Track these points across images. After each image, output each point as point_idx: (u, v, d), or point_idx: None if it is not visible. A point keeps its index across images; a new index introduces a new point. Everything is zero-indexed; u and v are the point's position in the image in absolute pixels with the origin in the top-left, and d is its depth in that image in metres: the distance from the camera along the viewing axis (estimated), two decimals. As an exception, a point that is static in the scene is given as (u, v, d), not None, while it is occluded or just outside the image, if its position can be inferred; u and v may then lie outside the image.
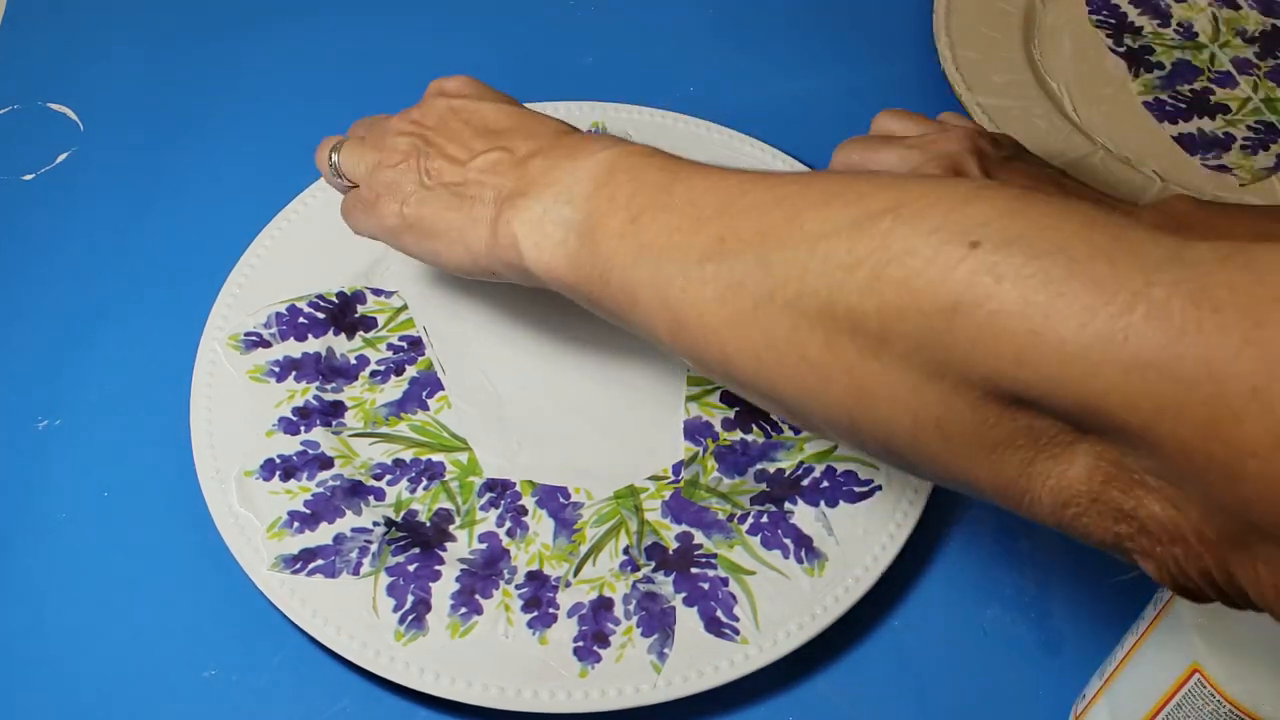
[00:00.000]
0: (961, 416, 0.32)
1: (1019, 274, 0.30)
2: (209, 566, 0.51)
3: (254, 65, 0.71)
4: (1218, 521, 0.29)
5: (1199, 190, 0.66)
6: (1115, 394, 0.28)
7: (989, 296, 0.30)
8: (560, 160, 0.44)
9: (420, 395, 0.56)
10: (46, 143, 0.67)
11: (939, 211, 0.32)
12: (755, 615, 0.49)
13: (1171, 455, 0.28)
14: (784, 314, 0.35)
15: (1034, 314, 0.29)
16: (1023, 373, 0.30)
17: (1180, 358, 0.27)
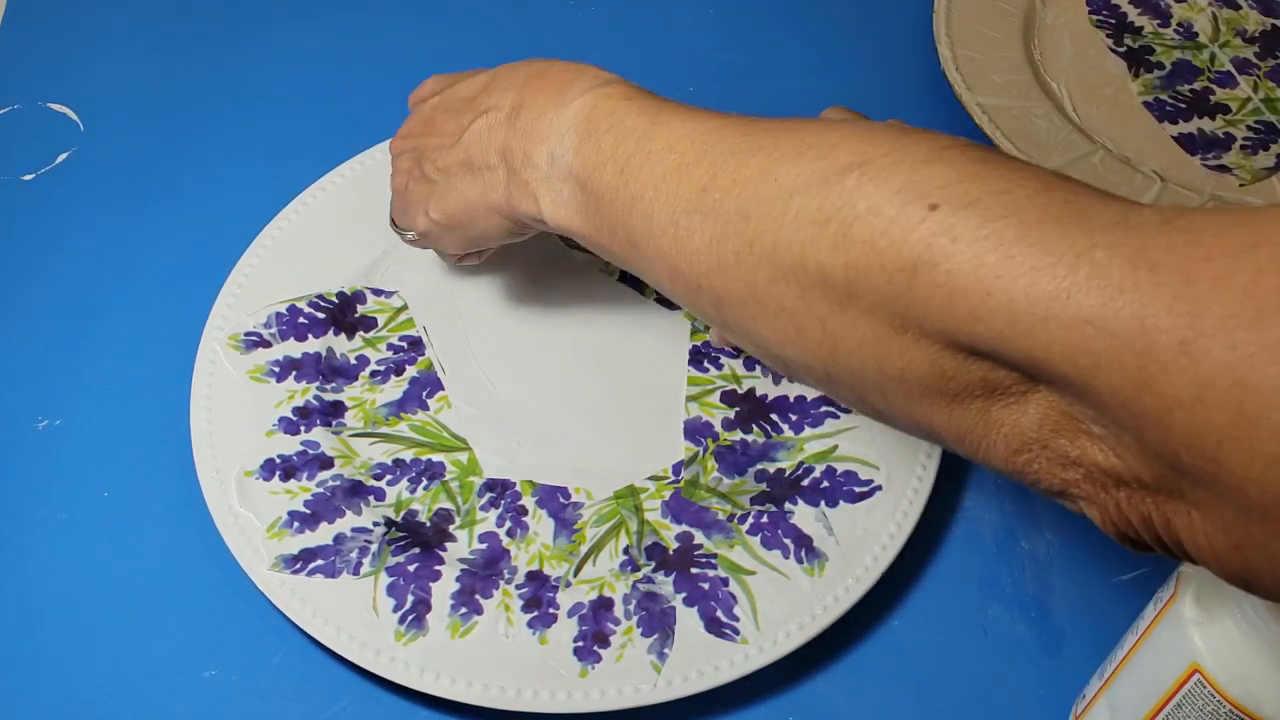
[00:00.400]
0: (923, 368, 0.34)
1: (974, 236, 0.31)
2: (209, 566, 0.51)
3: (254, 65, 0.71)
4: (1154, 469, 0.30)
5: (1199, 190, 0.66)
6: (1058, 348, 0.30)
7: (946, 257, 0.32)
8: (544, 109, 0.45)
9: (420, 395, 0.56)
10: (46, 143, 0.67)
11: (902, 171, 0.34)
12: (755, 615, 0.49)
13: (1109, 406, 0.29)
14: (762, 265, 0.37)
15: (986, 274, 0.31)
16: (977, 328, 0.31)
17: (1117, 314, 0.28)
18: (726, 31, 0.74)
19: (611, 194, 0.42)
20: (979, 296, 0.31)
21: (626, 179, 0.42)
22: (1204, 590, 0.42)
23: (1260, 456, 0.26)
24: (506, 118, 0.47)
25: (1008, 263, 0.30)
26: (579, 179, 0.44)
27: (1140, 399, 0.28)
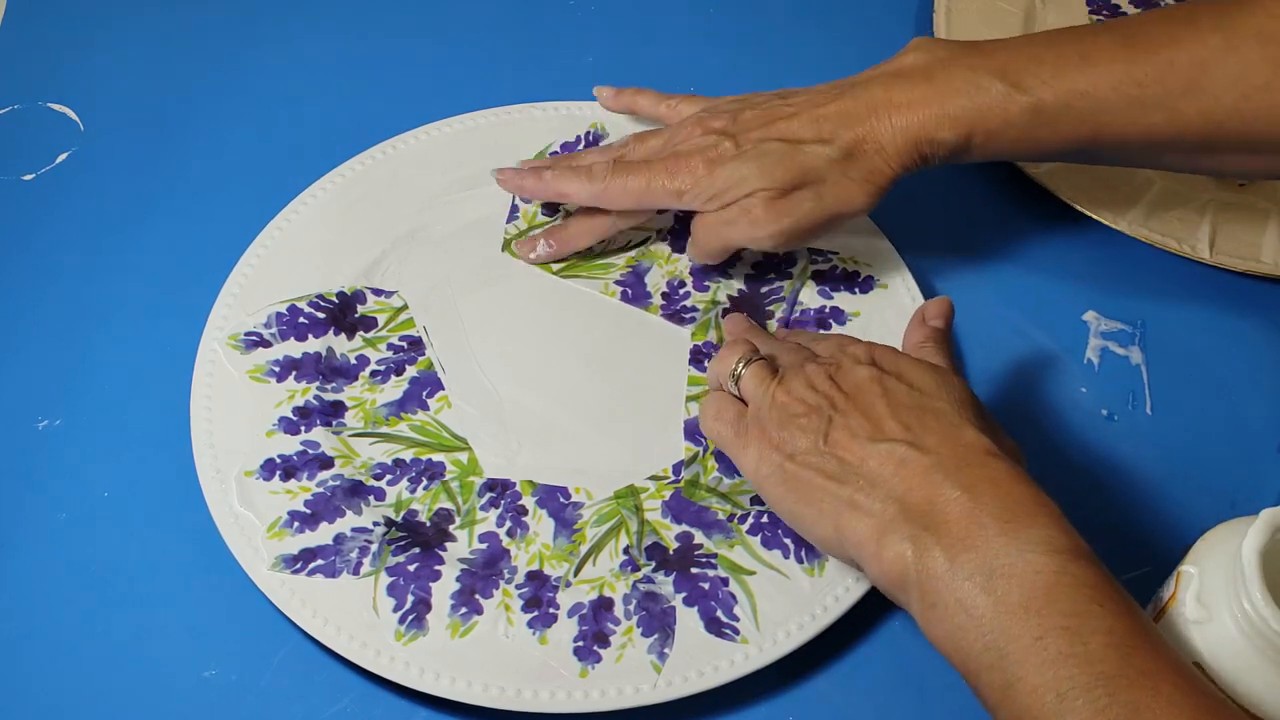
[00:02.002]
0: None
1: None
2: (209, 566, 0.51)
3: (254, 65, 0.71)
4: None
5: (1199, 190, 0.66)
6: None
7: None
8: (988, 520, 0.41)
9: (420, 395, 0.56)
10: (46, 143, 0.67)
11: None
12: (755, 615, 0.49)
13: None
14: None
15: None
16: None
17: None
18: (726, 31, 0.74)
19: (1029, 702, 0.38)
20: None
21: (1060, 712, 0.37)
22: (1204, 590, 0.42)
23: None
24: (926, 471, 0.42)
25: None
26: (989, 640, 0.39)
27: None
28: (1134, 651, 0.37)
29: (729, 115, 0.58)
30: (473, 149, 0.64)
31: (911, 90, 0.55)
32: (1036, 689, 0.37)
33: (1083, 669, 0.37)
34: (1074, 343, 0.61)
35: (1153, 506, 0.56)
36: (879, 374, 0.47)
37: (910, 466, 0.43)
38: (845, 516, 0.44)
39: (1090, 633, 0.38)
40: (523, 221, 0.63)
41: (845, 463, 0.45)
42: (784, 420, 0.47)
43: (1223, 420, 0.59)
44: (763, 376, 0.49)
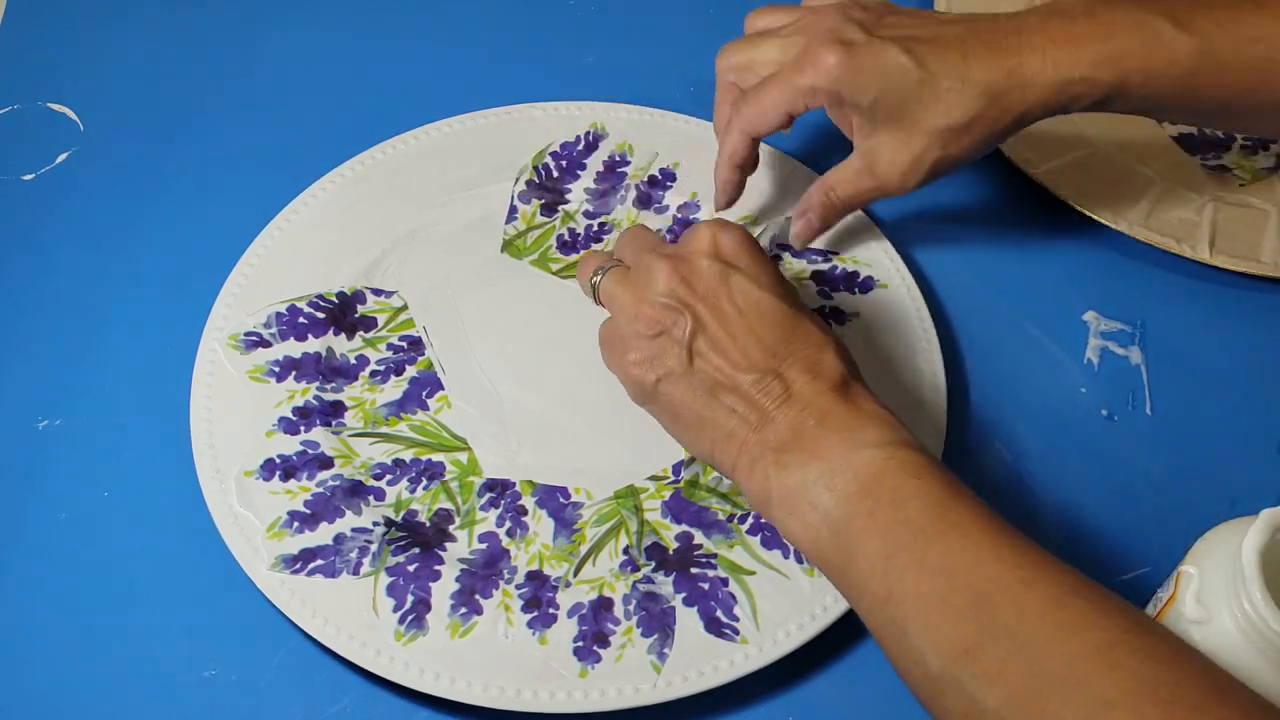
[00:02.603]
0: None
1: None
2: (209, 566, 0.51)
3: (254, 65, 0.71)
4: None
5: (1198, 190, 0.66)
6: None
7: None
8: (832, 433, 0.44)
9: (420, 395, 0.56)
10: (46, 143, 0.67)
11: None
12: (755, 615, 0.49)
13: None
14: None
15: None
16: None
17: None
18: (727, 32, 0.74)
19: (865, 570, 0.42)
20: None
21: (889, 566, 0.41)
22: (1204, 590, 0.42)
23: None
24: (788, 399, 0.45)
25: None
26: (835, 524, 0.43)
27: None
28: (947, 509, 0.42)
29: (873, 13, 0.55)
30: (473, 149, 0.64)
31: (1071, 26, 0.52)
32: (870, 555, 0.42)
33: (904, 529, 0.41)
34: (1074, 343, 0.61)
35: (1153, 506, 0.56)
36: (726, 270, 0.47)
37: (771, 392, 0.46)
38: (718, 442, 0.46)
39: (908, 499, 0.42)
40: (521, 222, 0.63)
41: (711, 383, 0.46)
42: (645, 338, 0.47)
43: (1223, 420, 0.59)
44: (617, 283, 0.49)
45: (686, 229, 0.52)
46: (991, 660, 0.38)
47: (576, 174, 0.64)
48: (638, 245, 0.51)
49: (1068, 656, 0.37)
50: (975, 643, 0.39)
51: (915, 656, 0.40)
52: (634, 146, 0.65)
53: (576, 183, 0.64)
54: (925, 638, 0.40)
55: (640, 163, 0.65)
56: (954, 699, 0.39)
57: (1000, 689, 0.37)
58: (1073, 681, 0.36)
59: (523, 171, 0.64)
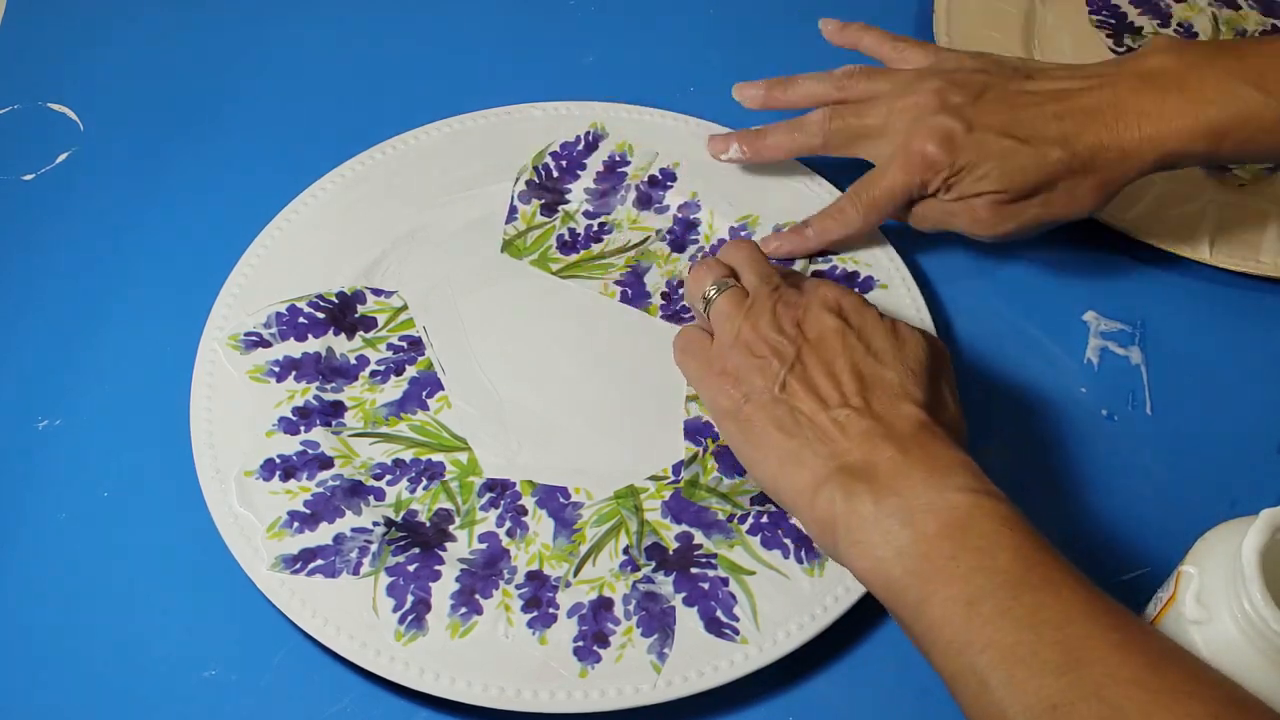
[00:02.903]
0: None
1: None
2: (209, 566, 0.51)
3: (254, 65, 0.71)
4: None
5: (1199, 190, 0.66)
6: None
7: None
8: (913, 470, 0.44)
9: (420, 395, 0.56)
10: (46, 143, 0.67)
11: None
12: (755, 615, 0.49)
13: None
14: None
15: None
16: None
17: None
18: (727, 32, 0.74)
19: (941, 613, 0.41)
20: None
21: (971, 613, 0.40)
22: (1204, 590, 0.42)
23: None
24: (869, 434, 0.45)
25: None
26: (908, 562, 0.42)
27: None
28: (1038, 564, 0.41)
29: (969, 93, 0.57)
30: (473, 149, 0.64)
31: (1164, 100, 0.54)
32: (948, 600, 0.41)
33: (990, 578, 0.40)
34: (1074, 343, 0.61)
35: (1153, 506, 0.56)
36: (842, 326, 0.49)
37: (852, 429, 0.46)
38: (788, 467, 0.46)
39: (999, 550, 0.41)
40: (521, 222, 0.63)
41: (796, 413, 0.47)
42: (746, 358, 0.49)
43: (1223, 420, 0.59)
44: (734, 306, 0.51)
45: (807, 280, 0.53)
46: (1084, 704, 0.37)
47: (576, 174, 0.64)
48: (758, 273, 0.53)
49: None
50: (1064, 700, 0.37)
51: (996, 709, 0.39)
52: (634, 146, 0.65)
53: (576, 183, 0.64)
54: (1008, 691, 0.38)
55: (640, 163, 0.65)
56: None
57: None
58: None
59: (522, 171, 0.64)
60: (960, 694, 0.41)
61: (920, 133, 0.56)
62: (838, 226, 0.59)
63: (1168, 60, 0.55)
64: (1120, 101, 0.54)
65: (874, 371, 0.48)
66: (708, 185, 0.63)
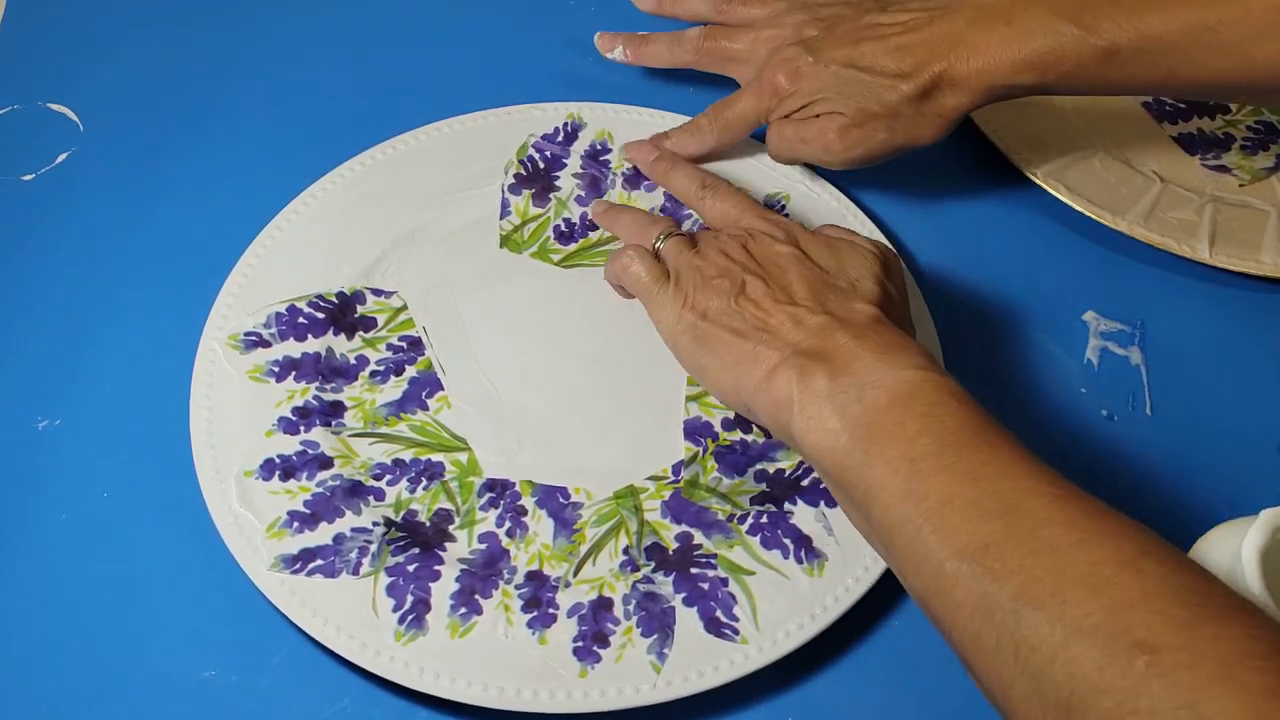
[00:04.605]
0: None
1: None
2: (209, 566, 0.51)
3: (254, 65, 0.71)
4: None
5: (1198, 190, 0.66)
6: None
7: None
8: (865, 353, 0.46)
9: (420, 395, 0.56)
10: (46, 143, 0.67)
11: (1188, 683, 0.34)
12: (755, 615, 0.49)
13: None
14: (1024, 676, 0.37)
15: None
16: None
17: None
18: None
19: (886, 468, 0.42)
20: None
21: (913, 470, 0.41)
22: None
23: None
24: (823, 326, 0.48)
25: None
26: (857, 429, 0.43)
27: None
28: (982, 430, 0.42)
29: (824, 26, 0.62)
30: (473, 149, 0.64)
31: (992, 31, 0.56)
32: (892, 459, 0.42)
33: (935, 439, 0.42)
34: (1074, 343, 0.61)
35: (1153, 506, 0.56)
36: (791, 250, 0.52)
37: (806, 323, 0.48)
38: (745, 366, 0.48)
39: (945, 415, 0.43)
40: (516, 215, 0.63)
41: (752, 318, 0.50)
42: (700, 283, 0.52)
43: (1223, 420, 0.59)
44: (681, 246, 0.55)
45: (744, 219, 0.57)
46: (1012, 556, 0.38)
47: (562, 163, 0.64)
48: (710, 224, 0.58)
49: (1092, 560, 0.37)
50: (995, 540, 0.39)
51: (926, 552, 0.40)
52: (613, 134, 0.65)
53: (564, 170, 0.64)
54: (942, 535, 0.40)
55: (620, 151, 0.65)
56: (965, 593, 0.39)
57: (1017, 582, 0.37)
58: (1096, 580, 0.36)
59: (509, 166, 0.64)
60: (894, 546, 0.42)
61: (773, 62, 0.60)
62: (694, 142, 0.63)
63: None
64: (955, 33, 0.57)
65: (823, 279, 0.51)
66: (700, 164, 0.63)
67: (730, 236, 0.54)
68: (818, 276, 0.51)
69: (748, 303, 0.50)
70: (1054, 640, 0.36)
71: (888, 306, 0.50)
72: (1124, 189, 0.65)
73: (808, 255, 0.52)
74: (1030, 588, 0.37)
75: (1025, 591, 0.37)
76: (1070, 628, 0.36)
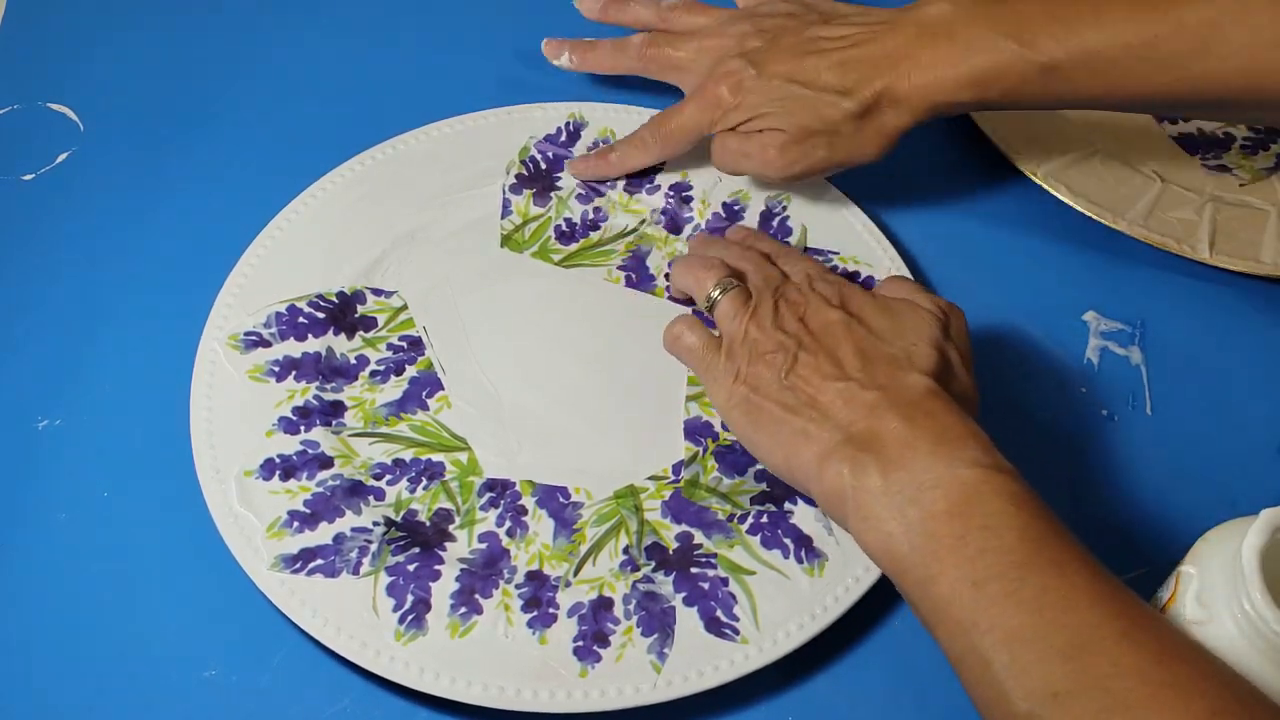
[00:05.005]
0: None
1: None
2: (209, 566, 0.51)
3: (254, 65, 0.71)
4: None
5: (1198, 190, 0.66)
6: None
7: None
8: (919, 443, 0.44)
9: (420, 395, 0.56)
10: (46, 143, 0.67)
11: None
12: (755, 615, 0.49)
13: None
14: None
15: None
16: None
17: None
18: None
19: (947, 593, 0.41)
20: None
21: (976, 598, 0.40)
22: (1204, 590, 0.42)
23: None
24: (876, 406, 0.46)
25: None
26: (916, 542, 0.42)
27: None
28: (1046, 545, 0.41)
29: (768, 38, 0.61)
30: (473, 149, 0.64)
31: (934, 48, 0.56)
32: (955, 580, 0.41)
33: (998, 559, 0.40)
34: (1074, 343, 0.61)
35: (1153, 506, 0.56)
36: (844, 317, 0.50)
37: (857, 401, 0.47)
38: (796, 444, 0.47)
39: (1006, 529, 0.41)
40: (517, 215, 0.63)
41: (802, 396, 0.48)
42: (754, 356, 0.50)
43: (1223, 420, 0.59)
44: (738, 308, 0.53)
45: (802, 272, 0.55)
46: (1084, 711, 0.37)
47: (564, 163, 0.64)
48: (762, 276, 0.55)
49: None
50: (1065, 689, 0.37)
51: (998, 692, 0.39)
52: (616, 132, 0.65)
53: (565, 172, 0.64)
54: (1012, 675, 0.39)
55: None
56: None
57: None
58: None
59: (511, 166, 0.64)
60: (964, 675, 0.41)
61: (716, 74, 0.60)
62: (639, 154, 0.63)
63: (944, 10, 0.57)
64: (897, 50, 0.57)
65: (876, 348, 0.49)
66: (698, 166, 0.63)
67: (788, 304, 0.52)
68: (871, 344, 0.49)
69: (798, 379, 0.48)
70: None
71: (945, 376, 0.48)
72: (1124, 189, 0.65)
73: (860, 320, 0.50)
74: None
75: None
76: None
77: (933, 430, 0.44)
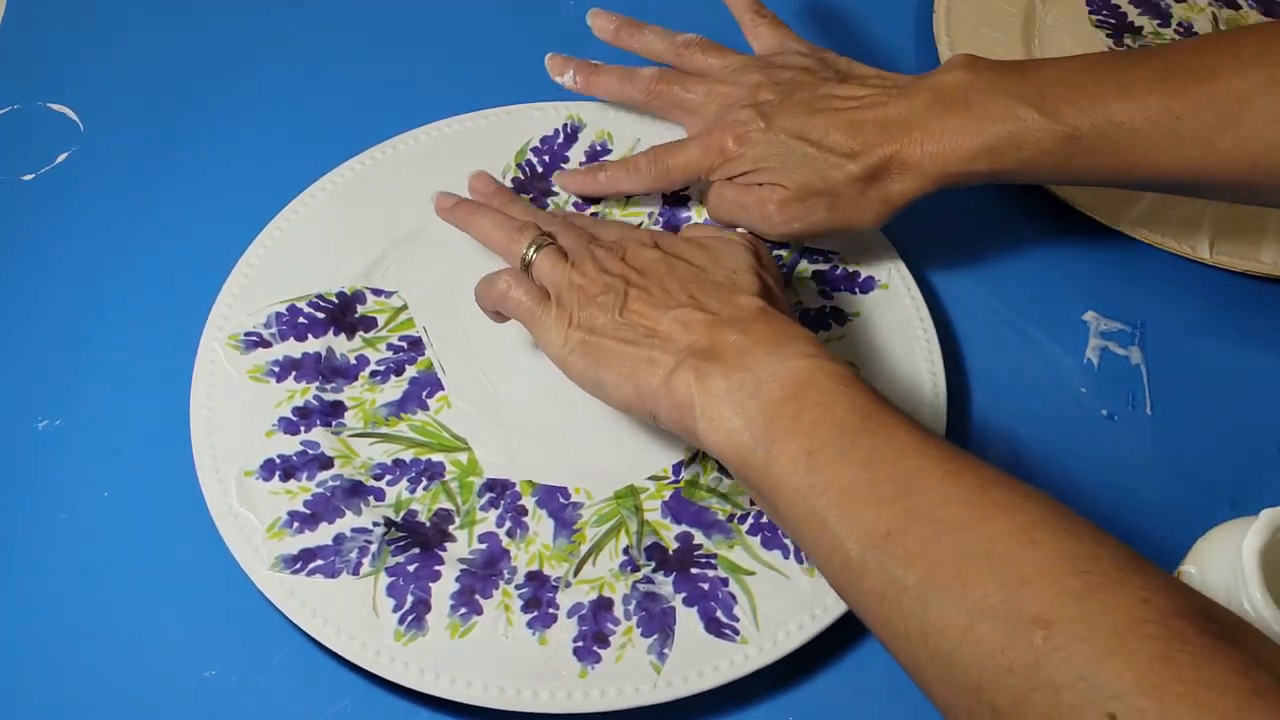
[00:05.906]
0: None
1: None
2: (209, 566, 0.51)
3: (254, 65, 0.71)
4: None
5: (1199, 190, 0.66)
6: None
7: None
8: (757, 347, 0.45)
9: (420, 395, 0.56)
10: (46, 143, 0.67)
11: (1084, 655, 0.34)
12: (755, 615, 0.49)
13: None
14: (934, 661, 0.38)
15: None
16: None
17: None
18: (724, 30, 0.74)
19: (788, 464, 0.42)
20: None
21: (812, 463, 0.42)
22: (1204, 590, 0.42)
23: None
24: (713, 324, 0.47)
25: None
26: (757, 428, 0.44)
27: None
28: (874, 413, 0.43)
29: (781, 91, 0.59)
30: (473, 149, 0.64)
31: (949, 117, 0.55)
32: (792, 454, 0.42)
33: (830, 430, 0.42)
34: (1074, 343, 0.61)
35: (1153, 506, 0.56)
36: (663, 254, 0.51)
37: (694, 322, 0.48)
38: (642, 373, 0.48)
39: (836, 404, 0.43)
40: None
41: (640, 328, 0.49)
42: (584, 301, 0.50)
43: (1223, 420, 0.59)
44: (556, 261, 0.53)
45: (610, 226, 0.57)
46: (913, 541, 0.39)
47: (560, 166, 0.64)
48: (573, 232, 0.55)
49: (989, 537, 0.38)
50: (897, 525, 0.39)
51: (835, 543, 0.41)
52: (613, 135, 0.65)
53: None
54: (846, 524, 0.40)
55: (622, 149, 0.65)
56: (873, 580, 0.39)
57: (920, 567, 0.38)
58: (993, 558, 0.37)
59: (506, 170, 0.64)
60: (804, 539, 0.43)
61: (724, 123, 0.59)
62: (629, 181, 0.62)
63: (962, 78, 0.56)
64: (911, 116, 0.56)
65: (701, 278, 0.50)
66: None
67: (605, 250, 0.53)
68: (695, 275, 0.50)
69: (633, 314, 0.49)
70: (959, 624, 0.37)
71: (769, 295, 0.50)
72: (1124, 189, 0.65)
73: (679, 257, 0.51)
74: (933, 572, 0.38)
75: (929, 577, 0.38)
76: (973, 610, 0.36)
77: (768, 336, 0.46)
